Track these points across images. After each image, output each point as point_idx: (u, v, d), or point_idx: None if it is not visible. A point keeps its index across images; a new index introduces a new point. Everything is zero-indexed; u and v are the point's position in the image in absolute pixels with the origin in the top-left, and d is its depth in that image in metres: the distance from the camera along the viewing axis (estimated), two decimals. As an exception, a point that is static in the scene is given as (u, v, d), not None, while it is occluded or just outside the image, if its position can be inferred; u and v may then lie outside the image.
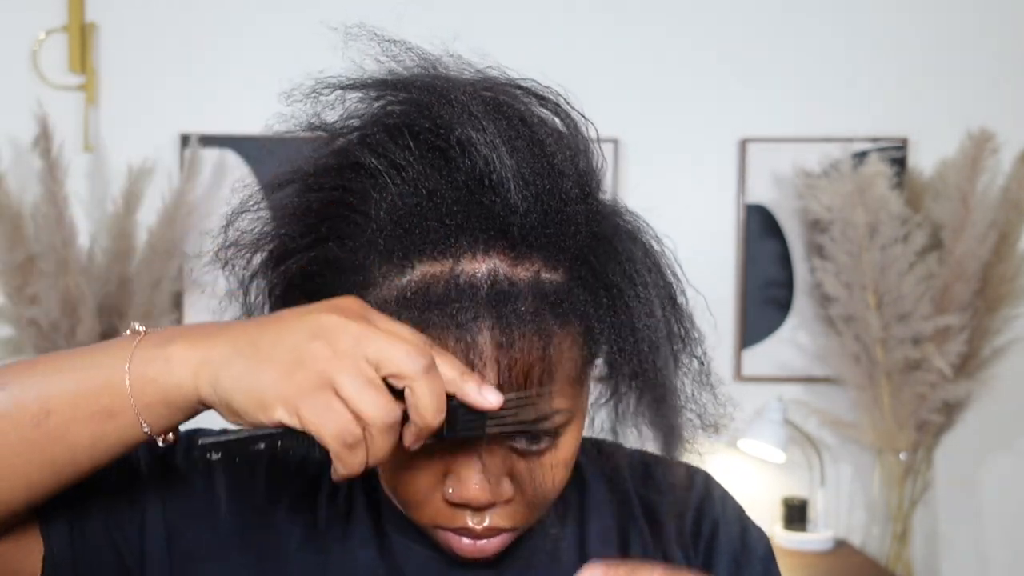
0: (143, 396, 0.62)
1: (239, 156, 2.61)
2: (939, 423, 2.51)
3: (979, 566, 2.72)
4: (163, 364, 0.62)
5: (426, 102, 0.67)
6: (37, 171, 2.41)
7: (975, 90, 2.64)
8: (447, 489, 0.69)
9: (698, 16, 2.65)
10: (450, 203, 0.66)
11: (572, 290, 0.67)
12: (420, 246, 0.66)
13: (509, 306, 0.64)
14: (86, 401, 0.63)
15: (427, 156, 0.67)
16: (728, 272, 2.65)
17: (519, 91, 0.70)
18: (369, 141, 0.69)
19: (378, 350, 0.59)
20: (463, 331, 0.64)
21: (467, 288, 0.64)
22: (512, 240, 0.66)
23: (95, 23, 2.61)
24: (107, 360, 0.63)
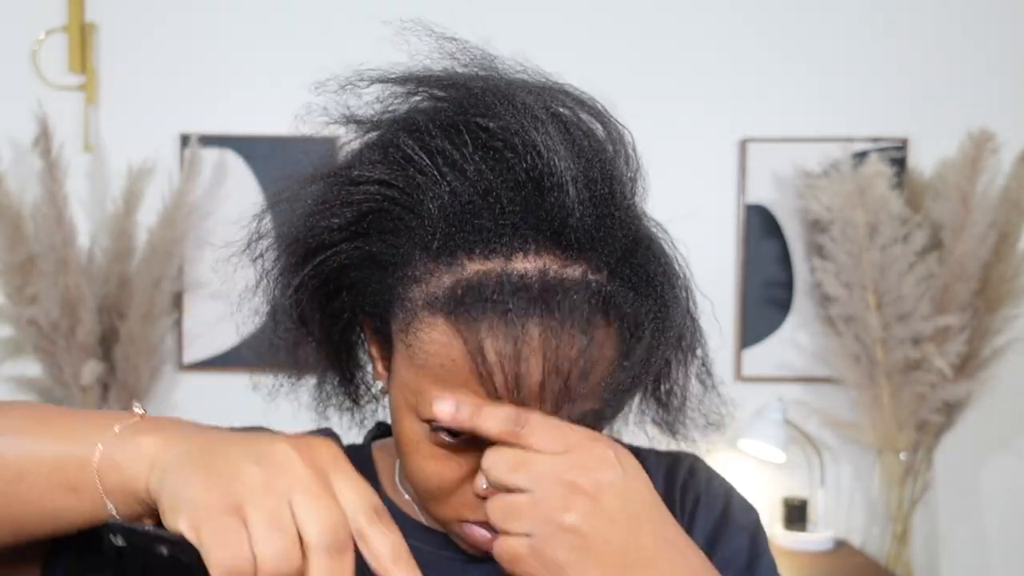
0: (107, 479, 0.61)
1: (239, 156, 2.61)
2: (939, 423, 2.51)
3: (979, 566, 2.72)
4: (132, 452, 0.61)
5: (488, 102, 0.67)
6: (37, 171, 2.41)
7: (975, 90, 2.64)
8: (479, 484, 0.70)
9: (698, 16, 2.66)
10: (504, 202, 0.66)
11: (615, 291, 0.67)
12: (471, 243, 0.66)
13: (559, 305, 0.64)
14: (56, 473, 0.63)
15: (482, 154, 0.67)
16: (728, 272, 2.65)
17: (563, 95, 0.71)
18: (421, 136, 0.69)
19: (306, 506, 0.55)
20: (512, 328, 0.64)
21: (518, 286, 0.64)
22: (564, 241, 0.66)
23: (95, 23, 2.61)
24: (88, 435, 0.63)
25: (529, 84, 0.71)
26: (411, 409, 0.70)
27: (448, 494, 0.72)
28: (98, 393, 2.45)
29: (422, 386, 0.68)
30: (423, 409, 0.69)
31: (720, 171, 2.66)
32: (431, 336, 0.67)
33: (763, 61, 2.66)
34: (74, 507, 0.63)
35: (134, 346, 2.47)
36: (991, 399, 2.56)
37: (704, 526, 0.82)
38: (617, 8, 2.64)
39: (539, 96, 0.69)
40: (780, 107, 2.66)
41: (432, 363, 0.67)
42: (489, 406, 0.66)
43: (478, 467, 0.70)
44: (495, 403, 0.66)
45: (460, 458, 0.70)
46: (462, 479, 0.71)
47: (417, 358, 0.68)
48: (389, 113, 0.72)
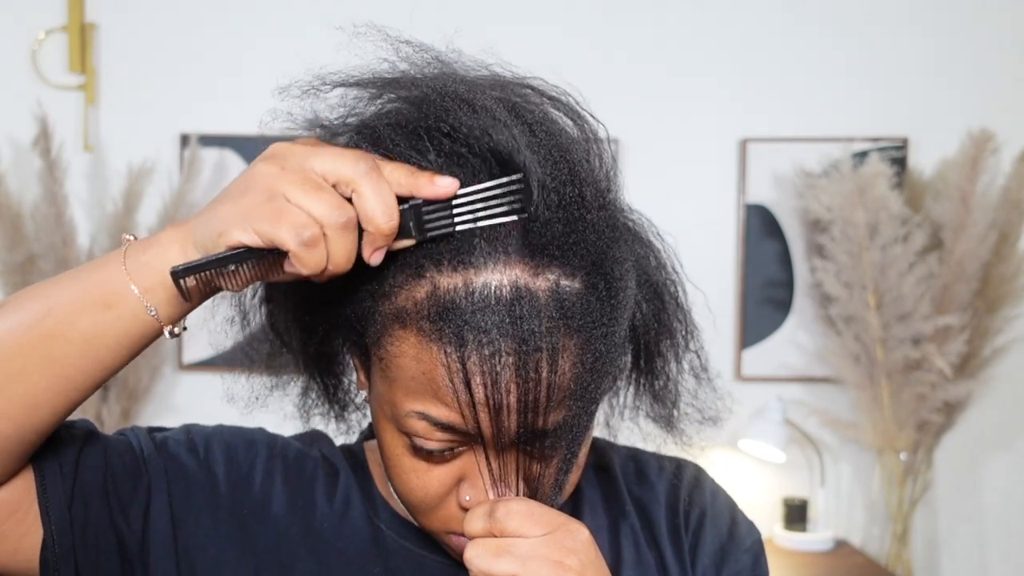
0: (142, 281, 0.64)
1: (239, 156, 2.61)
2: (939, 423, 2.51)
3: (979, 566, 2.72)
4: (156, 247, 0.64)
5: (446, 106, 0.66)
6: (37, 171, 2.41)
7: (975, 90, 2.64)
8: (463, 495, 0.70)
9: (698, 16, 2.66)
10: None
11: (589, 298, 0.66)
12: (438, 255, 0.64)
13: (530, 318, 0.63)
14: (84, 295, 0.64)
15: (444, 161, 0.65)
16: (728, 272, 2.65)
17: (530, 91, 0.69)
18: (382, 144, 0.67)
19: (322, 162, 0.61)
20: (484, 341, 0.63)
21: (488, 301, 0.63)
22: (532, 249, 0.64)
23: (95, 23, 2.61)
24: (104, 260, 0.65)
25: (493, 82, 0.69)
26: (390, 421, 0.70)
27: (432, 507, 0.71)
28: (98, 393, 2.45)
29: (396, 399, 0.68)
30: (399, 422, 0.68)
31: (720, 171, 2.66)
32: (401, 350, 0.66)
33: (763, 61, 2.66)
34: (110, 325, 0.64)
35: (134, 346, 2.47)
36: (991, 399, 2.56)
37: (711, 544, 0.82)
38: (617, 8, 2.64)
39: (502, 96, 0.67)
40: (780, 107, 2.66)
41: (403, 376, 0.67)
42: (472, 510, 0.68)
43: (460, 478, 0.70)
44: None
45: (441, 470, 0.70)
46: (445, 492, 0.71)
47: (389, 371, 0.67)
48: (353, 117, 0.71)
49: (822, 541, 2.54)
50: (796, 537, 2.54)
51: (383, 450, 0.72)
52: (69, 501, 0.71)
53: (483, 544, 0.67)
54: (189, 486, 0.76)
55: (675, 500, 0.83)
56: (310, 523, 0.78)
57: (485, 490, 0.69)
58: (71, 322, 0.64)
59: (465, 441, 0.68)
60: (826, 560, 2.50)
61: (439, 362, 0.64)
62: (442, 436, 0.67)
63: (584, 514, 0.81)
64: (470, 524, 0.67)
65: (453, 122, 0.65)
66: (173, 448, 0.77)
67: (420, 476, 0.70)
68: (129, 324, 0.64)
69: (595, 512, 0.82)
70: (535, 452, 0.69)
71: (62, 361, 0.65)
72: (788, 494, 2.63)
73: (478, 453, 0.69)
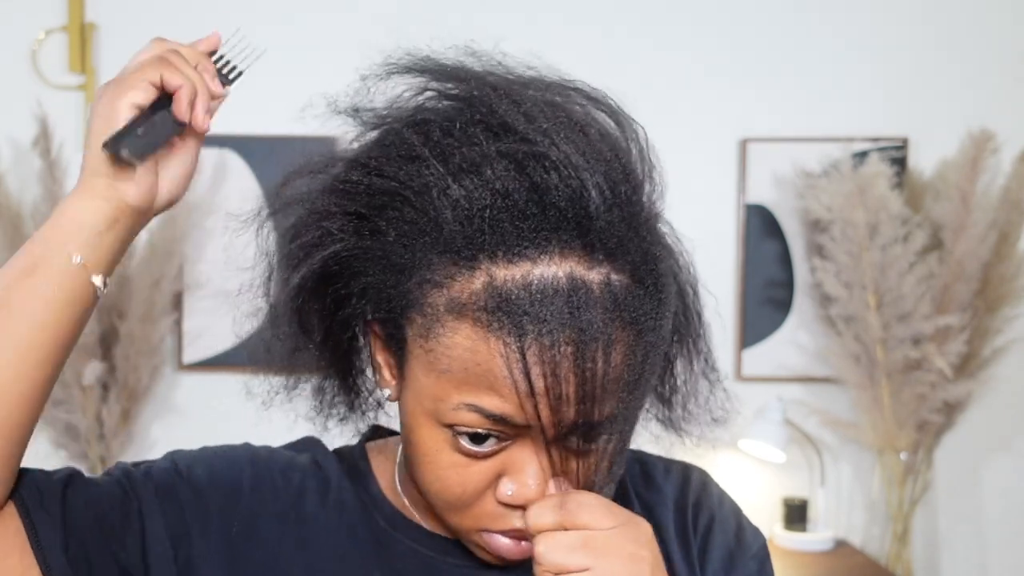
0: (58, 235, 0.70)
1: (239, 156, 2.61)
2: (939, 423, 2.51)
3: (979, 566, 2.72)
4: (60, 209, 0.72)
5: (501, 102, 0.67)
6: (37, 171, 2.41)
7: (975, 90, 2.64)
8: (504, 490, 0.69)
9: (698, 16, 2.65)
10: (523, 205, 0.65)
11: (638, 293, 0.67)
12: (492, 247, 0.65)
13: (587, 309, 0.64)
14: (14, 266, 0.70)
15: (498, 156, 0.66)
16: (728, 272, 2.65)
17: (574, 92, 0.71)
18: (434, 136, 0.68)
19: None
20: (543, 332, 0.64)
21: (546, 292, 0.64)
22: (587, 244, 0.66)
23: (95, 23, 2.61)
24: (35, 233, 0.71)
25: (541, 83, 0.71)
26: (430, 416, 0.69)
27: (469, 504, 0.71)
28: (98, 393, 2.45)
29: (444, 391, 0.67)
30: (444, 415, 0.68)
31: (720, 171, 2.66)
32: (455, 340, 0.66)
33: (763, 61, 2.65)
34: (43, 287, 0.69)
35: (134, 346, 2.47)
36: (991, 399, 2.56)
37: (720, 549, 0.82)
38: (616, 8, 2.64)
39: (552, 95, 0.69)
40: (780, 107, 2.66)
41: (456, 368, 0.66)
42: (538, 503, 0.68)
43: (500, 474, 0.69)
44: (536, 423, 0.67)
45: (481, 465, 0.69)
46: (484, 487, 0.70)
47: (439, 363, 0.67)
48: (397, 109, 0.72)
49: (822, 541, 2.54)
50: (796, 537, 2.54)
51: (416, 447, 0.71)
52: (64, 544, 0.70)
53: (555, 538, 0.66)
54: (181, 507, 0.76)
55: (682, 503, 0.83)
56: (303, 535, 0.77)
57: (528, 484, 0.68)
58: (8, 295, 0.69)
59: (511, 435, 0.68)
60: (826, 560, 2.50)
61: (496, 352, 0.64)
62: (491, 428, 0.67)
63: None
64: (538, 518, 0.67)
65: (508, 118, 0.66)
66: (158, 475, 0.77)
67: (460, 472, 0.69)
68: (59, 279, 0.69)
69: None
70: (585, 445, 0.69)
71: (11, 334, 0.68)
72: (788, 494, 2.63)
73: (527, 445, 0.68)
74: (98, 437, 2.46)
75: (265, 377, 0.82)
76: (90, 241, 0.69)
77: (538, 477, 0.69)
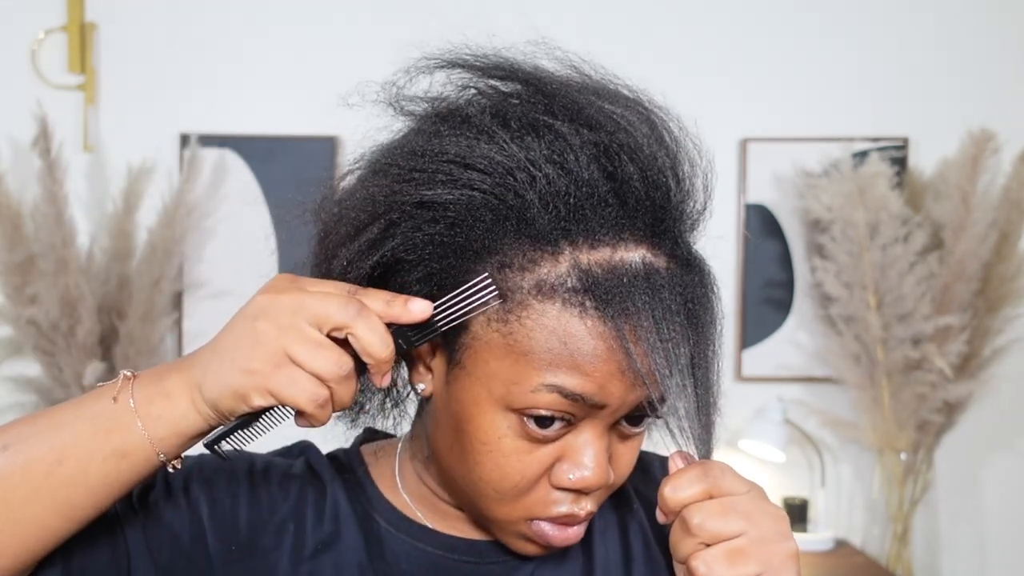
0: (156, 432, 0.67)
1: (239, 156, 2.61)
2: (939, 423, 2.51)
3: (979, 566, 2.72)
4: (164, 400, 0.68)
5: (567, 92, 0.70)
6: (37, 171, 2.41)
7: (975, 90, 2.64)
8: (566, 474, 0.71)
9: (698, 16, 2.66)
10: (604, 193, 0.68)
11: (693, 280, 0.70)
12: (573, 233, 0.68)
13: (662, 292, 0.68)
14: (99, 446, 0.68)
15: (584, 146, 0.69)
16: (728, 272, 2.65)
17: (627, 91, 0.76)
18: (510, 123, 0.70)
19: (314, 313, 0.65)
20: (630, 316, 0.66)
21: (628, 275, 0.67)
22: (658, 233, 0.69)
23: (95, 23, 2.61)
24: (109, 406, 0.68)
25: (589, 80, 0.74)
26: (497, 402, 0.69)
27: (524, 491, 0.71)
28: (98, 393, 2.44)
29: (522, 374, 0.68)
30: (519, 398, 0.68)
31: (720, 171, 2.64)
32: (541, 322, 0.67)
33: (763, 61, 2.66)
34: (123, 470, 0.68)
35: (134, 346, 2.46)
36: (991, 399, 2.56)
37: None
38: (616, 8, 2.64)
39: (612, 90, 0.73)
40: (780, 107, 2.66)
41: (539, 348, 0.67)
42: (676, 476, 0.69)
43: (557, 459, 0.71)
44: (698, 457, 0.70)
45: (542, 451, 0.70)
46: (541, 473, 0.71)
47: (520, 345, 0.68)
48: (453, 101, 0.73)
49: (822, 541, 2.54)
50: (796, 537, 2.53)
51: (473, 437, 0.71)
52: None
53: (707, 507, 0.68)
54: (174, 538, 0.76)
55: None
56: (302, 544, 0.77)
57: (589, 467, 0.70)
58: (87, 470, 0.68)
59: (580, 417, 0.69)
60: (826, 560, 2.50)
61: (587, 331, 0.67)
62: (566, 410, 0.68)
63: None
64: (682, 490, 0.69)
65: (581, 108, 0.69)
66: (151, 502, 0.77)
67: (521, 458, 0.70)
68: (140, 468, 0.68)
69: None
70: (625, 428, 0.72)
71: (72, 503, 0.68)
72: (788, 494, 2.63)
73: (586, 429, 0.70)
74: (98, 437, 2.45)
75: None
76: (180, 446, 0.69)
77: (597, 460, 0.70)
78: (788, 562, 0.68)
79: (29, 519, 0.67)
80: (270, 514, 0.78)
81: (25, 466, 0.67)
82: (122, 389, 0.68)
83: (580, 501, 0.72)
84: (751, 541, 0.67)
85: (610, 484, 0.73)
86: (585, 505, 0.72)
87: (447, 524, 0.79)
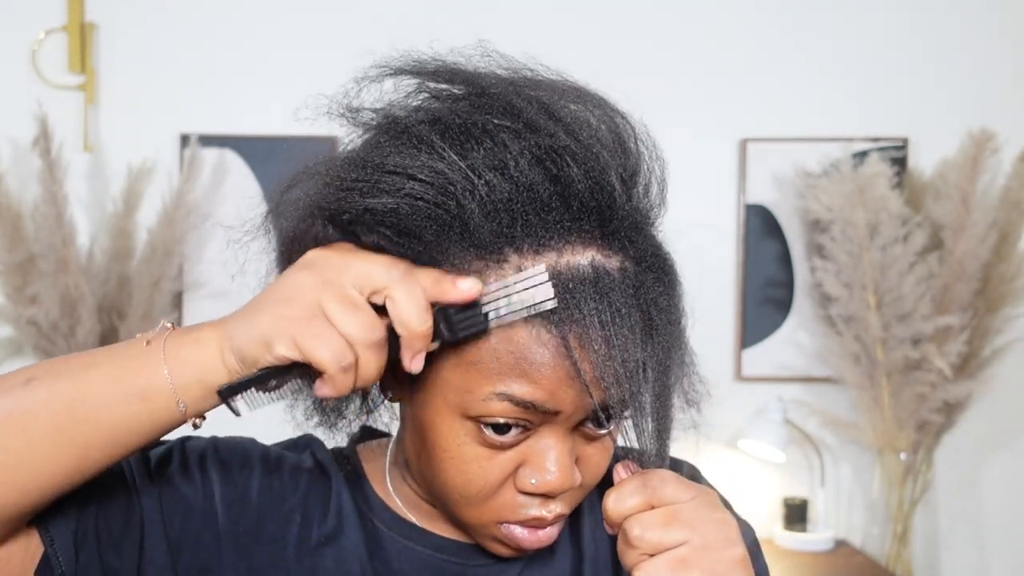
0: (179, 377, 0.65)
1: (239, 156, 2.61)
2: (939, 423, 2.51)
3: (979, 566, 2.72)
4: (194, 345, 0.66)
5: (515, 96, 0.68)
6: (37, 171, 2.41)
7: (975, 90, 2.64)
8: (528, 479, 0.70)
9: (698, 16, 2.66)
10: (546, 197, 0.67)
11: (650, 279, 0.69)
12: (518, 239, 0.67)
13: (611, 295, 0.66)
14: (121, 385, 0.66)
15: (520, 149, 0.67)
16: (728, 272, 2.65)
17: (571, 90, 0.72)
18: (451, 131, 0.68)
19: (358, 271, 0.64)
20: (575, 321, 0.65)
21: (574, 280, 0.66)
22: (607, 234, 0.68)
23: (95, 23, 2.61)
24: (140, 349, 0.67)
25: (542, 82, 0.72)
26: (454, 410, 0.69)
27: (488, 496, 0.71)
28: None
29: (473, 383, 0.68)
30: (472, 407, 0.68)
31: (720, 171, 2.66)
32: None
33: (763, 61, 2.66)
34: (142, 414, 0.66)
35: (134, 346, 2.46)
36: (991, 399, 2.56)
37: None
38: (616, 8, 2.64)
39: (555, 90, 0.70)
40: (780, 107, 2.66)
41: (487, 358, 0.67)
42: (617, 488, 0.69)
43: (520, 464, 0.70)
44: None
45: (503, 456, 0.70)
46: (505, 478, 0.71)
47: (469, 354, 0.67)
48: (399, 108, 0.71)
49: (822, 541, 2.54)
50: (796, 537, 2.54)
51: (435, 444, 0.71)
52: (74, 534, 0.72)
53: (647, 518, 0.67)
54: (187, 512, 0.76)
55: None
56: (307, 536, 0.78)
57: (551, 471, 0.69)
58: (106, 409, 0.66)
59: (535, 423, 0.69)
60: (826, 560, 2.50)
61: (531, 339, 0.66)
62: (519, 417, 0.68)
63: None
64: (622, 502, 0.68)
65: (522, 114, 0.68)
66: (168, 474, 0.77)
67: (482, 464, 0.70)
68: (160, 415, 0.66)
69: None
70: (589, 430, 0.71)
71: (89, 444, 0.66)
72: (788, 494, 2.63)
73: (546, 434, 0.69)
74: (98, 437, 2.46)
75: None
76: (202, 398, 0.66)
77: (559, 464, 0.70)
78: (734, 568, 0.67)
79: (47, 455, 0.65)
80: (280, 503, 0.78)
81: (47, 401, 0.65)
82: (157, 335, 0.67)
83: (548, 504, 0.71)
84: (694, 549, 0.66)
85: (582, 485, 0.72)
86: (554, 508, 0.72)
87: (435, 525, 0.80)
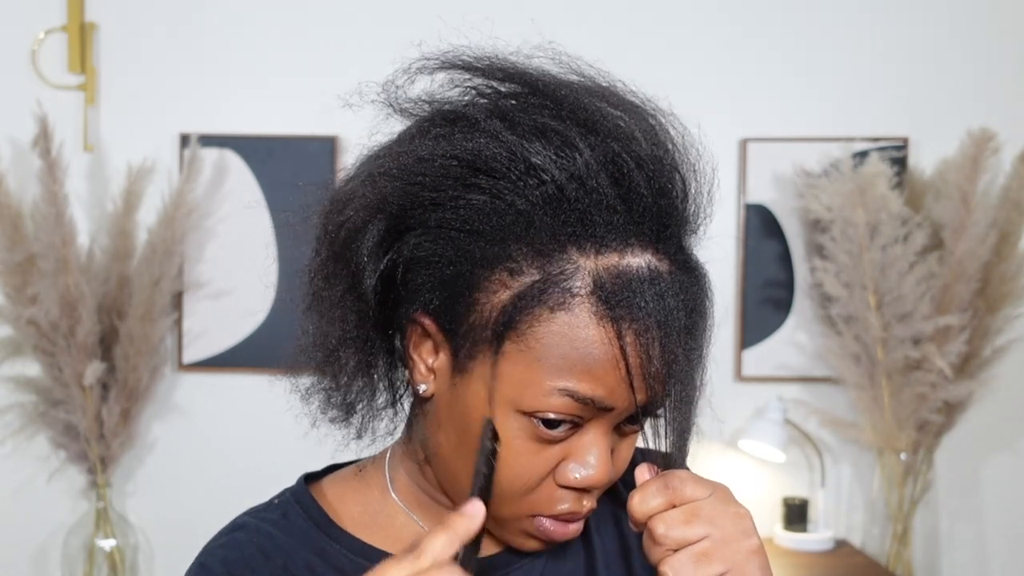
0: None
1: (239, 156, 2.61)
2: (939, 423, 2.51)
3: (979, 566, 2.72)
4: None
5: (576, 97, 0.71)
6: (37, 171, 2.41)
7: (975, 90, 2.64)
8: (572, 474, 0.72)
9: (697, 15, 2.65)
10: (612, 200, 0.69)
11: (692, 282, 0.72)
12: (580, 239, 0.69)
13: (666, 296, 0.69)
14: None
15: (592, 153, 0.69)
16: (728, 272, 2.65)
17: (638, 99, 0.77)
18: (518, 126, 0.70)
19: None
20: (637, 321, 0.68)
21: (636, 280, 0.68)
22: (663, 238, 0.71)
23: (95, 23, 2.61)
24: None
25: (600, 86, 0.75)
26: (508, 404, 0.70)
27: (531, 490, 0.73)
28: (98, 393, 2.45)
29: (535, 378, 0.69)
30: (531, 401, 0.69)
31: (720, 171, 2.65)
32: (551, 328, 0.68)
33: (763, 61, 2.65)
34: None
35: (134, 346, 2.47)
36: (991, 399, 2.56)
37: None
38: (615, 8, 2.64)
39: (614, 93, 0.74)
40: (780, 107, 2.66)
41: (551, 354, 0.68)
42: (641, 489, 0.72)
43: (563, 457, 0.72)
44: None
45: (549, 451, 0.72)
46: (547, 473, 0.73)
47: (532, 351, 0.69)
48: (455, 101, 0.73)
49: (822, 541, 2.54)
50: (796, 537, 2.54)
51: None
52: None
53: (670, 516, 0.70)
54: None
55: None
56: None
57: (593, 466, 0.71)
58: None
59: (588, 419, 0.71)
60: (826, 560, 2.50)
61: (597, 337, 0.68)
62: (577, 413, 0.70)
63: None
64: (646, 502, 0.71)
65: (591, 113, 0.70)
66: None
67: (530, 459, 0.71)
68: None
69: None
70: (633, 426, 0.74)
71: None
72: (788, 494, 2.63)
73: (590, 430, 0.71)
74: (98, 437, 2.46)
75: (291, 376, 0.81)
76: None
77: (602, 459, 0.72)
78: (752, 558, 0.70)
79: None
80: None
81: None
82: None
83: (582, 499, 0.74)
84: (714, 543, 0.69)
85: (612, 479, 0.75)
86: (587, 502, 0.74)
87: None
